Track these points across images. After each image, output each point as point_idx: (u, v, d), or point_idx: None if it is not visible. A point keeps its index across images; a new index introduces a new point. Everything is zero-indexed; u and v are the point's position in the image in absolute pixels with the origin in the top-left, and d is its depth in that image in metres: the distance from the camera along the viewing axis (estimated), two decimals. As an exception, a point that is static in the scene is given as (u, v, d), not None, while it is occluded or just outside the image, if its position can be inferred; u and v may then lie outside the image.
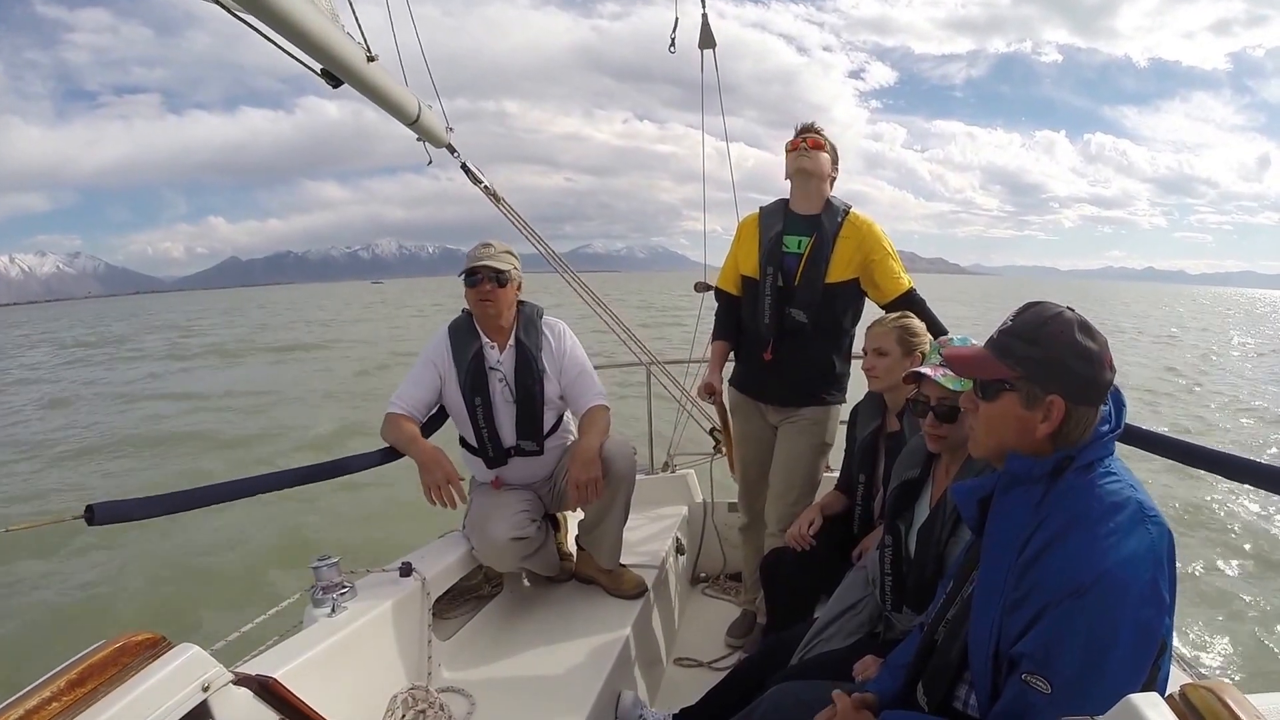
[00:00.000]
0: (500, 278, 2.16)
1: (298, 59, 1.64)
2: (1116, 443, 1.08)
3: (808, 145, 2.32)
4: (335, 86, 1.77)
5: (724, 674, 1.92)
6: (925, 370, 1.63)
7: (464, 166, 2.65)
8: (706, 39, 3.18)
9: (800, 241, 2.33)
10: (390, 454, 2.15)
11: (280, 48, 1.57)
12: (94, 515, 1.40)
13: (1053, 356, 1.03)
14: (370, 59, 1.82)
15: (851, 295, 2.37)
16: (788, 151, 2.35)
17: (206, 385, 15.62)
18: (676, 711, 1.86)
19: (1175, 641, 1.00)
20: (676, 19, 3.01)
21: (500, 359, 2.24)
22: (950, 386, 1.57)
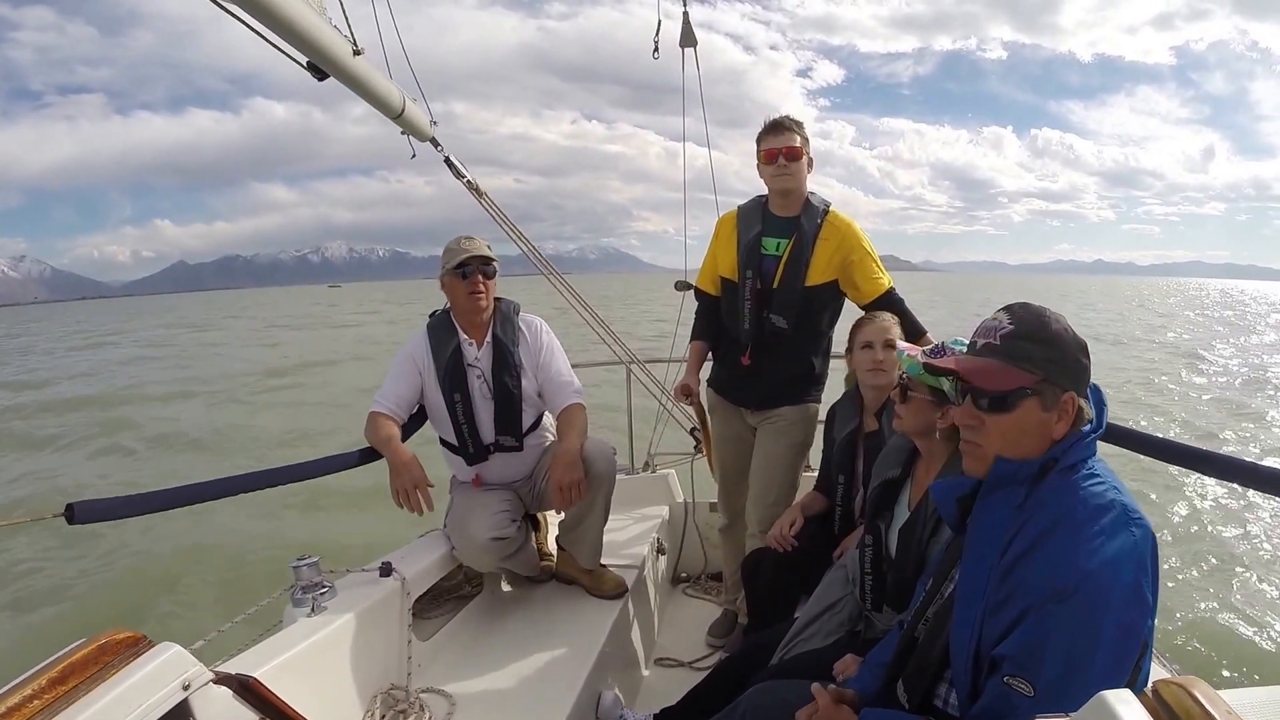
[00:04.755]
0: (487, 269, 2.17)
1: (285, 52, 1.62)
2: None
3: (785, 159, 2.23)
4: (321, 79, 1.76)
5: (705, 674, 1.92)
6: (903, 345, 1.66)
7: (447, 160, 2.64)
8: (687, 37, 3.17)
9: (779, 244, 2.31)
10: (369, 454, 2.14)
11: (268, 41, 1.55)
12: (74, 514, 1.37)
13: (1066, 355, 1.04)
14: (356, 53, 1.80)
15: (830, 297, 2.36)
16: (764, 164, 2.27)
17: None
18: (657, 712, 1.87)
19: (1155, 636, 1.01)
20: (660, 22, 2.99)
21: (478, 355, 2.23)
22: (905, 366, 1.60)
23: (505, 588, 2.47)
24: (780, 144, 2.24)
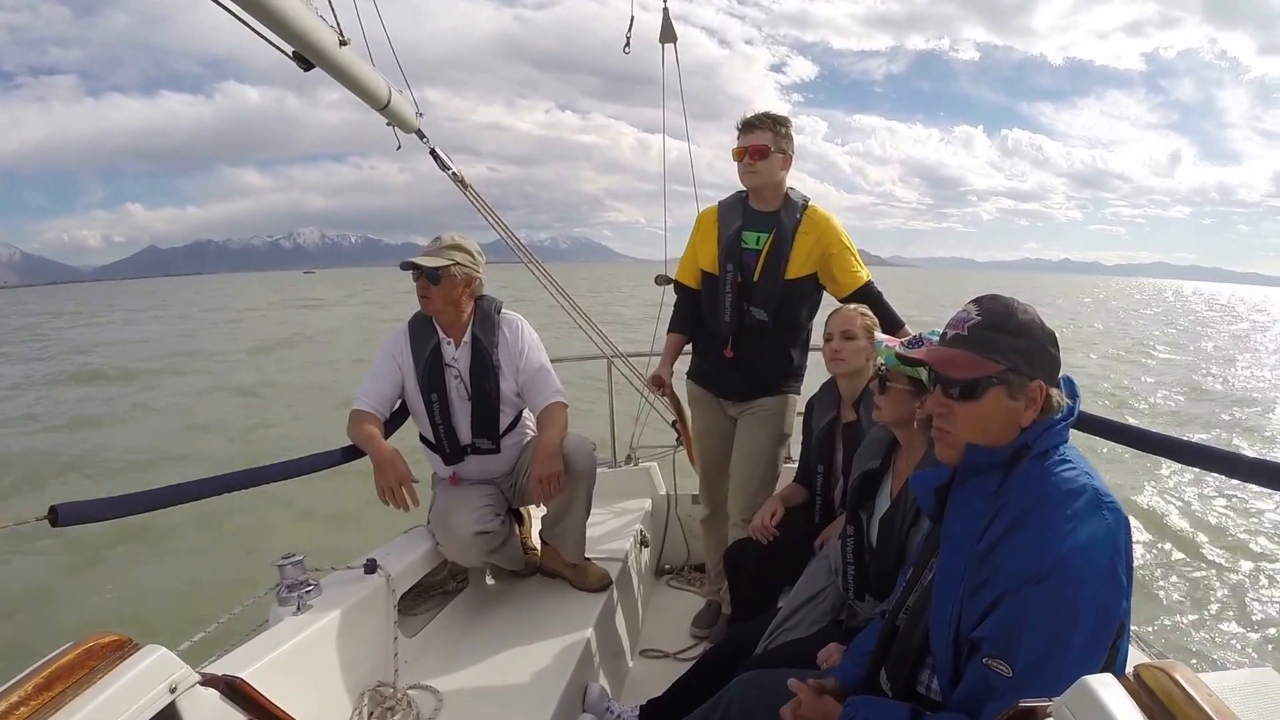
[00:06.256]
0: (433, 275, 2.12)
1: (270, 41, 1.59)
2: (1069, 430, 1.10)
3: (752, 158, 2.27)
4: (306, 70, 1.72)
5: (690, 664, 1.94)
6: (880, 336, 1.68)
7: (433, 152, 2.61)
8: (667, 33, 3.17)
9: (759, 238, 2.34)
10: (352, 452, 2.12)
11: (254, 30, 1.52)
12: (58, 517, 1.35)
13: (1034, 345, 1.06)
14: (342, 43, 1.77)
15: (809, 290, 2.39)
16: (735, 161, 2.32)
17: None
18: (643, 703, 1.88)
19: (1134, 622, 1.03)
20: (632, 18, 2.99)
21: (456, 355, 2.22)
22: (883, 357, 1.62)
23: (490, 582, 2.47)
24: (746, 143, 2.28)
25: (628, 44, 3.14)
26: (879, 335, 1.69)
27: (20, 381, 15.74)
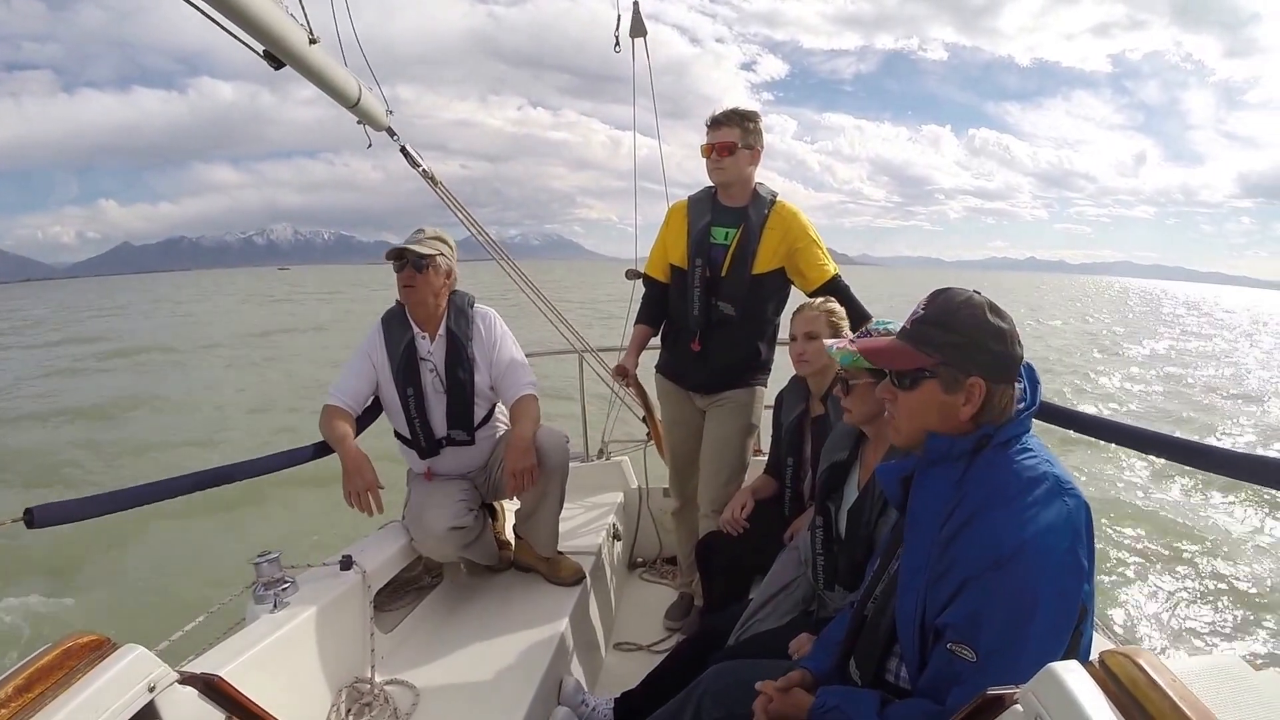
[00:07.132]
0: (419, 263, 2.13)
1: (240, 40, 1.58)
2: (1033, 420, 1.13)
3: (719, 154, 2.30)
4: (277, 69, 1.71)
5: (663, 656, 1.96)
6: (829, 342, 1.70)
7: (403, 150, 2.60)
8: (637, 27, 3.20)
9: (727, 233, 2.36)
10: (323, 449, 2.12)
11: (223, 28, 1.50)
12: (33, 518, 1.33)
13: (970, 340, 1.08)
14: (312, 41, 1.76)
15: (777, 285, 2.42)
16: (703, 155, 2.34)
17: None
18: (618, 695, 1.91)
19: (1099, 609, 1.05)
20: (620, 16, 3.01)
21: (431, 349, 2.22)
22: (838, 360, 1.66)
23: (464, 577, 2.48)
24: (713, 139, 2.31)
25: (618, 43, 3.17)
26: (827, 341, 1.71)
27: (54, 360, 18.95)
